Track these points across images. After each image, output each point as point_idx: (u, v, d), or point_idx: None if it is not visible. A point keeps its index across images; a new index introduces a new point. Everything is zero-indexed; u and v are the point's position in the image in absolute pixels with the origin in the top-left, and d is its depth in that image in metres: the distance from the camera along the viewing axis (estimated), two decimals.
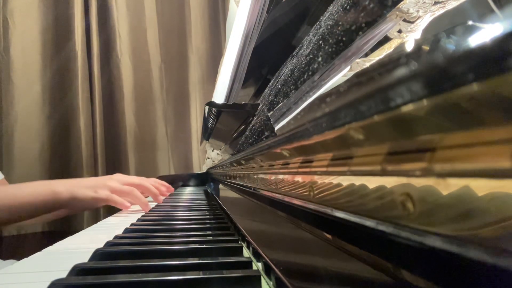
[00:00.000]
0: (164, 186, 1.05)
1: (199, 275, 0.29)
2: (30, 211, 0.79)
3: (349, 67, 0.23)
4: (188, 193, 1.26)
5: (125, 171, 1.74)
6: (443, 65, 0.09)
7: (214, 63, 1.95)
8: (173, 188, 1.08)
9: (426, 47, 0.12)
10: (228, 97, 0.63)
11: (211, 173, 1.35)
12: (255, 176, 0.39)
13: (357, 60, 0.22)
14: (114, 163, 1.78)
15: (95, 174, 1.69)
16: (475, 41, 0.08)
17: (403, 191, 0.12)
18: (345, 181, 0.16)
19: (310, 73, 0.30)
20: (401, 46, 0.19)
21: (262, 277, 0.29)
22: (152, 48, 1.89)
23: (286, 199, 0.27)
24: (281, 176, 0.28)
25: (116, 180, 0.86)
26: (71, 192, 0.79)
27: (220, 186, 0.93)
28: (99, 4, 1.79)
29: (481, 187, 0.09)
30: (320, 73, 0.27)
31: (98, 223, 0.69)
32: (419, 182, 0.11)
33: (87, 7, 1.75)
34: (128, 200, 0.85)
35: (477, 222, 0.09)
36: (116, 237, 0.44)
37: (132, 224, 0.56)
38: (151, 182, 0.93)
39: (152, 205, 0.89)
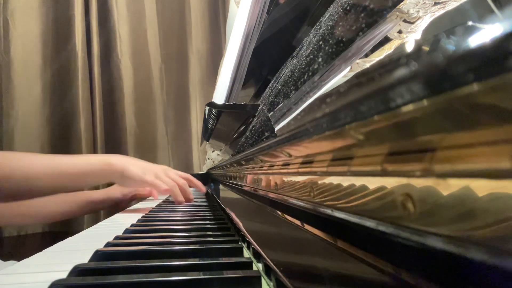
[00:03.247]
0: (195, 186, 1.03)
1: (200, 275, 0.29)
2: (82, 179, 0.82)
3: (349, 67, 0.23)
4: None
5: None
6: (443, 65, 0.09)
7: (214, 63, 1.95)
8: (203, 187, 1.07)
9: (426, 48, 0.12)
10: (228, 97, 0.63)
11: (211, 173, 1.34)
12: (256, 177, 0.39)
13: (357, 61, 0.22)
14: None
15: None
16: (475, 42, 0.08)
17: (403, 192, 0.12)
18: (345, 181, 0.16)
19: (310, 73, 0.30)
20: (401, 46, 0.19)
21: (262, 277, 0.29)
22: (152, 49, 1.89)
23: (287, 199, 0.27)
24: (281, 177, 0.28)
25: (161, 169, 0.89)
26: (124, 166, 0.82)
27: (221, 186, 0.93)
28: (99, 5, 1.79)
29: (482, 187, 0.09)
30: (320, 74, 0.27)
31: (98, 223, 0.69)
32: (419, 183, 0.11)
33: (88, 7, 1.75)
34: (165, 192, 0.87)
35: (478, 223, 0.09)
36: (116, 238, 0.44)
37: (132, 225, 0.56)
38: (185, 189, 0.93)
39: (153, 204, 0.89)
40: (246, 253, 0.38)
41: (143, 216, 0.67)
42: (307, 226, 0.23)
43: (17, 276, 0.33)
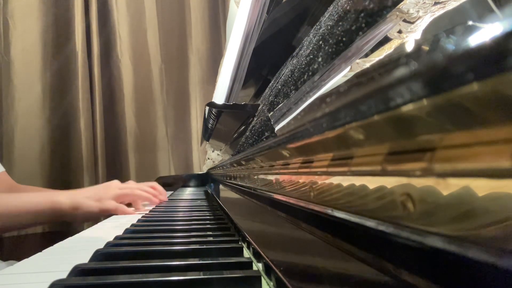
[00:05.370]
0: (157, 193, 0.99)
1: (200, 275, 0.29)
2: (31, 220, 0.78)
3: (349, 67, 0.23)
4: (189, 194, 1.26)
5: (125, 172, 1.74)
6: (443, 65, 0.09)
7: (214, 63, 1.95)
8: (165, 193, 1.02)
9: (426, 48, 0.12)
10: (228, 97, 0.63)
11: (211, 173, 1.35)
12: (256, 177, 0.39)
13: (357, 61, 0.22)
14: (115, 164, 1.78)
15: (95, 175, 1.69)
16: (475, 41, 0.08)
17: (403, 191, 0.12)
18: (345, 181, 0.16)
19: (310, 73, 0.30)
20: (401, 46, 0.19)
21: (262, 277, 0.29)
22: (152, 49, 1.89)
23: (286, 199, 0.27)
24: (281, 177, 0.28)
25: (115, 187, 0.85)
26: (74, 203, 0.77)
27: (221, 186, 0.93)
28: (99, 5, 1.79)
29: (482, 187, 0.09)
30: (320, 74, 0.27)
31: (98, 224, 0.69)
32: (419, 182, 0.11)
33: (87, 7, 1.75)
34: (133, 200, 0.85)
35: (478, 222, 0.09)
36: (116, 238, 0.44)
37: (132, 225, 0.56)
38: (145, 189, 0.90)
39: (153, 205, 0.89)
40: (246, 253, 0.38)
41: (143, 216, 0.67)
42: (307, 226, 0.23)
43: (17, 276, 0.33)
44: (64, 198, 0.78)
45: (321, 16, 0.36)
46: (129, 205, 0.85)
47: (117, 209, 0.79)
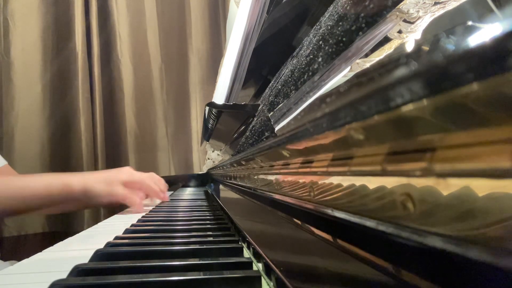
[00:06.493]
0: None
1: (200, 275, 0.29)
2: (42, 202, 0.78)
3: (349, 67, 0.23)
4: (189, 194, 1.26)
5: None
6: (443, 65, 0.09)
7: (214, 63, 1.95)
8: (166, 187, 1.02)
9: (426, 48, 0.12)
10: (228, 97, 0.63)
11: (211, 173, 1.35)
12: (256, 177, 0.39)
13: (357, 61, 0.22)
14: (115, 164, 1.78)
15: None
16: (475, 41, 0.08)
17: (403, 191, 0.12)
18: (345, 181, 0.16)
19: (310, 73, 0.30)
20: (401, 46, 0.19)
21: (262, 277, 0.29)
22: (152, 49, 1.89)
23: (287, 199, 0.27)
24: (281, 177, 0.28)
25: (126, 172, 0.85)
26: (84, 186, 0.77)
27: (221, 186, 0.93)
28: (99, 5, 1.79)
29: (482, 187, 0.09)
30: (320, 74, 0.27)
31: (99, 223, 0.69)
32: (419, 182, 0.11)
33: (88, 7, 1.75)
34: (140, 188, 0.84)
35: (477, 222, 0.09)
36: (116, 238, 0.44)
37: (132, 225, 0.56)
38: (155, 180, 0.91)
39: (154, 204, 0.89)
40: (246, 253, 0.38)
41: (143, 216, 0.67)
42: (307, 226, 0.23)
43: (17, 276, 0.33)
44: (75, 181, 0.78)
45: (321, 16, 0.36)
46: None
47: (126, 197, 0.79)
